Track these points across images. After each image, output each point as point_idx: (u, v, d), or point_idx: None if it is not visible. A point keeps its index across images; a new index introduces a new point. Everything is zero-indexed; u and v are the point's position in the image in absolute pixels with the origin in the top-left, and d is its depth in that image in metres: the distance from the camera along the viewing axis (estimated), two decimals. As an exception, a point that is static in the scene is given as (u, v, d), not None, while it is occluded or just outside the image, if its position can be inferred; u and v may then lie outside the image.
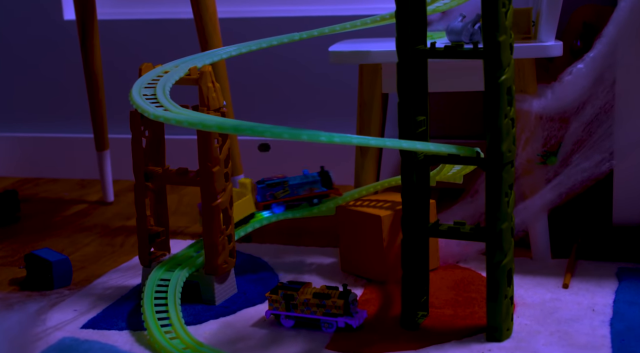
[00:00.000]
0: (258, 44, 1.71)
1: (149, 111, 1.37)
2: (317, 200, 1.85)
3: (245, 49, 1.70)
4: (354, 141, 1.26)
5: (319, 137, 1.24)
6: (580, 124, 1.68)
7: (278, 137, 1.24)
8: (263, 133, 1.24)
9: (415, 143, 1.33)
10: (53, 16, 2.68)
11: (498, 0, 1.33)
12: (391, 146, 1.29)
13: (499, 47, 1.34)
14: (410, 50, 1.42)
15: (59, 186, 2.64)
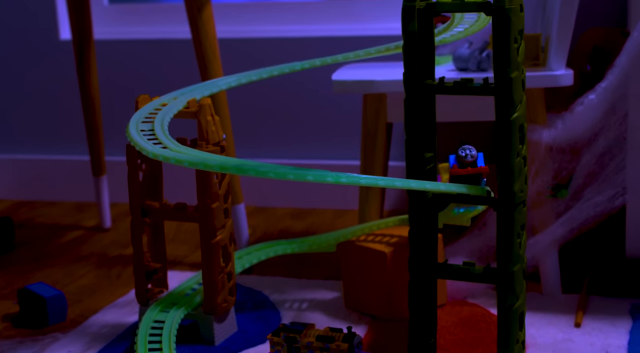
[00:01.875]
0: (259, 74, 1.66)
1: (147, 149, 1.31)
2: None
3: (245, 80, 1.65)
4: (362, 182, 1.21)
5: (325, 178, 1.19)
6: (592, 156, 1.62)
7: (282, 177, 1.18)
8: (267, 173, 1.18)
9: (424, 183, 1.27)
10: (49, 36, 2.62)
11: (510, 35, 1.27)
12: (400, 186, 1.24)
13: (510, 84, 1.29)
14: (418, 85, 1.37)
15: (55, 210, 2.58)
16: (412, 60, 1.36)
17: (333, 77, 1.74)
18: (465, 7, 1.32)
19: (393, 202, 2.44)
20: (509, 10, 1.27)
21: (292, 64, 1.68)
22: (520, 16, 1.29)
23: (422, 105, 1.38)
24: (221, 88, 1.63)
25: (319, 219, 2.39)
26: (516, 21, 1.28)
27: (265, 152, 2.52)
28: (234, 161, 1.23)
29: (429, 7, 1.34)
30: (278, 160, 2.50)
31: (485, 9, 1.30)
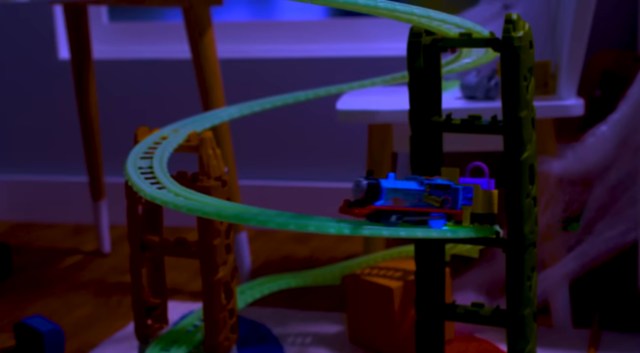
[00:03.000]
0: (261, 105, 1.62)
1: (145, 191, 1.27)
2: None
3: (247, 110, 1.61)
4: (365, 232, 1.17)
5: (327, 228, 1.15)
6: (604, 189, 1.58)
7: (283, 227, 1.14)
8: (267, 223, 1.14)
9: (430, 231, 1.22)
10: (48, 55, 2.58)
11: (519, 73, 1.23)
12: (405, 236, 1.19)
13: (520, 124, 1.24)
14: (424, 122, 1.32)
15: (53, 233, 2.54)
16: (418, 97, 1.31)
17: (338, 106, 1.69)
18: (473, 43, 1.27)
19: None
20: (519, 48, 1.22)
21: (296, 94, 1.64)
22: (529, 53, 1.24)
23: (428, 143, 1.33)
24: (223, 119, 1.59)
25: (322, 243, 2.35)
26: (526, 59, 1.23)
27: (267, 173, 2.48)
28: (234, 208, 1.19)
29: (435, 42, 1.30)
30: (280, 181, 2.46)
31: (494, 45, 1.25)
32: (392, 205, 1.17)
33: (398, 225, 1.18)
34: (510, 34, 1.23)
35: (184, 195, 1.27)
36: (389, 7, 1.17)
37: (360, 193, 1.17)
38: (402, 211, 1.18)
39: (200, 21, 1.82)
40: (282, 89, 2.40)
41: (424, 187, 1.20)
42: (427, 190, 1.20)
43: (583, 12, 1.58)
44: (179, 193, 1.27)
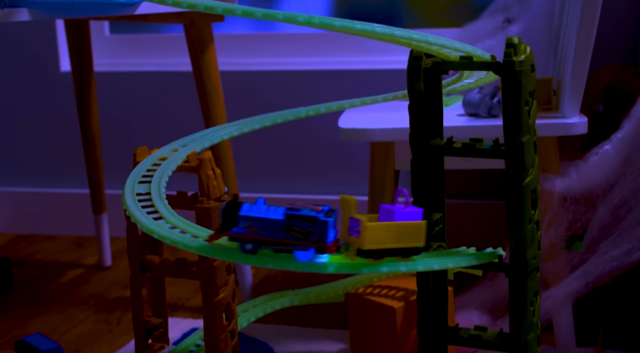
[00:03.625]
0: (261, 122, 1.61)
1: (143, 223, 1.26)
2: None
3: (247, 128, 1.60)
4: (364, 270, 1.15)
5: (326, 268, 1.14)
6: (607, 208, 1.56)
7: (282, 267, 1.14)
8: (266, 264, 1.14)
9: (431, 262, 1.21)
10: (49, 68, 2.57)
11: (520, 98, 1.22)
12: (406, 271, 1.17)
13: (521, 149, 1.23)
14: (425, 146, 1.31)
15: (55, 245, 2.53)
16: (419, 120, 1.30)
17: (340, 124, 1.68)
18: (473, 66, 1.26)
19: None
20: (520, 73, 1.21)
21: (297, 111, 1.62)
22: (531, 77, 1.23)
23: (429, 167, 1.32)
24: (222, 138, 1.58)
25: (324, 256, 2.33)
26: (527, 83, 1.22)
27: (268, 187, 2.46)
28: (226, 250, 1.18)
29: (435, 66, 1.29)
30: (280, 195, 2.45)
31: (495, 68, 1.24)
32: (246, 233, 1.15)
33: (256, 254, 1.15)
34: (512, 58, 1.22)
35: (181, 227, 1.26)
36: (386, 32, 1.16)
37: (220, 218, 1.17)
38: (260, 240, 1.16)
39: (201, 38, 1.81)
40: (283, 102, 2.39)
41: (284, 217, 1.15)
42: (288, 221, 1.15)
43: (586, 29, 1.56)
44: (176, 225, 1.26)
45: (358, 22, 1.15)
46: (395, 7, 2.45)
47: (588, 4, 1.54)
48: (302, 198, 2.44)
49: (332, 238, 1.14)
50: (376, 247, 1.15)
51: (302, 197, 2.44)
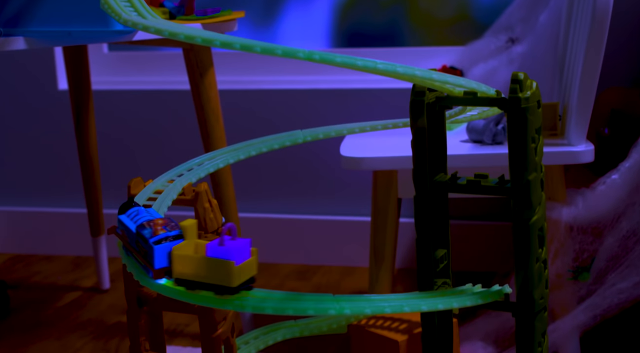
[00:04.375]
0: (258, 149, 1.56)
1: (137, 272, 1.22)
2: None
3: (243, 155, 1.55)
4: (367, 311, 1.12)
5: (327, 310, 1.10)
6: (615, 238, 1.53)
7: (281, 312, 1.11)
8: (264, 309, 1.10)
9: (436, 302, 1.18)
10: (47, 86, 2.54)
11: (527, 135, 1.18)
12: (409, 311, 1.14)
13: (528, 187, 1.20)
14: (429, 182, 1.27)
15: (52, 266, 2.50)
16: (422, 156, 1.27)
17: (341, 152, 1.65)
18: (478, 101, 1.23)
19: (404, 259, 2.35)
20: (526, 110, 1.18)
21: (294, 137, 1.58)
22: (537, 114, 1.19)
23: (433, 203, 1.28)
24: (219, 166, 1.54)
25: (325, 279, 2.30)
26: (533, 120, 1.19)
27: (266, 207, 2.43)
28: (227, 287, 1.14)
29: (438, 101, 1.25)
30: (279, 215, 2.42)
31: (500, 104, 1.20)
32: (121, 235, 1.14)
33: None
34: (517, 95, 1.18)
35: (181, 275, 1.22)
36: (388, 69, 1.13)
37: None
38: (128, 247, 1.14)
39: (201, 62, 1.77)
40: (283, 121, 2.36)
41: (135, 231, 1.11)
42: (137, 235, 1.11)
43: (593, 55, 1.53)
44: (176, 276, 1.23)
45: (360, 58, 1.12)
46: (397, 24, 2.41)
47: (595, 30, 1.50)
48: (301, 219, 2.41)
49: (163, 264, 1.08)
50: (186, 277, 1.10)
51: (300, 217, 2.41)
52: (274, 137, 1.53)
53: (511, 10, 2.14)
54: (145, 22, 0.99)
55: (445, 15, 2.39)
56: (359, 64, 1.11)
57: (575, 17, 1.69)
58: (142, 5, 1.12)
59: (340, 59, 1.11)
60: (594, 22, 1.51)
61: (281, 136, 1.53)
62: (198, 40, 0.98)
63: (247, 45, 1.02)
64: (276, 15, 2.48)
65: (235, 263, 1.09)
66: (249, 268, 1.14)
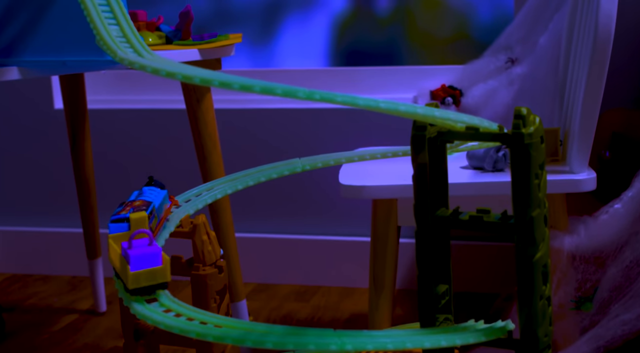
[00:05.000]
0: (256, 178, 1.54)
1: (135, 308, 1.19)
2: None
3: (241, 185, 1.53)
4: (369, 347, 1.10)
5: (328, 345, 1.08)
6: (618, 268, 1.51)
7: (281, 346, 1.07)
8: (265, 344, 1.07)
9: (439, 339, 1.16)
10: (42, 106, 2.52)
11: (530, 171, 1.16)
12: (411, 347, 1.12)
13: (532, 224, 1.17)
14: (430, 217, 1.25)
15: (49, 287, 2.47)
16: (424, 191, 1.25)
17: (340, 180, 1.63)
18: (480, 137, 1.20)
19: (404, 280, 2.33)
20: (530, 145, 1.15)
21: (293, 165, 1.56)
22: (540, 149, 1.17)
23: (435, 238, 1.26)
24: (216, 197, 1.52)
25: (324, 300, 2.28)
26: (537, 156, 1.16)
27: (264, 227, 2.41)
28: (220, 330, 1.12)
29: (440, 136, 1.23)
30: (276, 235, 2.40)
31: (503, 140, 1.18)
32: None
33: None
34: (520, 130, 1.16)
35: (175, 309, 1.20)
36: (390, 107, 1.11)
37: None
38: None
39: (198, 87, 1.75)
40: (279, 140, 2.34)
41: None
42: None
43: (595, 81, 1.51)
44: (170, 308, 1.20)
45: (360, 97, 1.10)
46: (396, 43, 2.40)
47: (597, 57, 1.49)
48: (299, 239, 2.39)
49: None
50: (113, 265, 1.17)
51: (298, 237, 2.39)
52: (272, 166, 1.51)
53: (510, 31, 2.12)
54: (141, 61, 0.97)
55: (445, 34, 2.37)
56: (360, 103, 1.09)
57: (576, 41, 1.67)
58: (138, 41, 1.10)
59: (341, 98, 1.09)
60: (596, 49, 1.49)
61: (279, 165, 1.51)
62: (196, 80, 0.95)
63: (246, 85, 1.00)
64: (274, 32, 2.46)
65: (130, 269, 1.11)
66: (153, 275, 1.14)
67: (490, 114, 2.02)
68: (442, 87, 2.22)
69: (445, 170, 1.27)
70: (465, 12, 2.35)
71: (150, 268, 1.14)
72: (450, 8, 2.36)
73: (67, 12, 1.38)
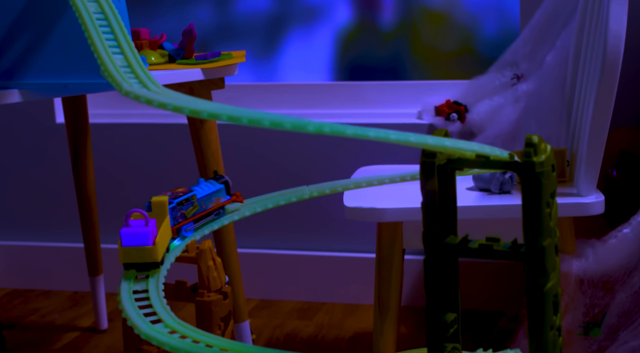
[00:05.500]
0: (263, 205, 1.53)
1: (140, 328, 1.18)
2: (222, 211, 1.50)
3: (249, 212, 1.52)
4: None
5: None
6: (627, 294, 1.49)
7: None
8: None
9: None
10: (43, 121, 2.50)
11: (541, 200, 1.14)
12: (420, 381, 1.10)
13: (542, 253, 1.16)
14: (439, 245, 1.23)
15: (50, 302, 2.45)
16: (433, 219, 1.23)
17: (345, 202, 1.61)
18: (490, 164, 1.18)
19: (408, 296, 2.31)
20: (541, 174, 1.13)
21: (300, 192, 1.54)
22: (552, 178, 1.15)
23: (443, 266, 1.24)
24: (223, 223, 1.50)
25: (328, 318, 2.26)
26: (548, 184, 1.15)
27: (267, 242, 2.39)
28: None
29: (450, 163, 1.21)
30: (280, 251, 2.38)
31: (513, 168, 1.17)
32: None
33: None
34: (532, 159, 1.14)
35: (181, 331, 1.18)
36: (401, 138, 1.09)
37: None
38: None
39: (199, 106, 1.73)
40: (282, 158, 2.32)
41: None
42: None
43: (603, 104, 1.50)
44: (175, 329, 1.19)
45: (371, 129, 1.08)
46: (400, 57, 2.38)
47: (605, 80, 1.47)
48: (303, 255, 2.37)
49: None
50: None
51: (301, 253, 2.37)
52: (280, 194, 1.50)
53: (516, 46, 2.10)
54: (148, 94, 0.95)
55: (449, 48, 2.36)
56: (370, 135, 1.07)
57: (583, 61, 1.66)
58: (143, 71, 1.08)
59: (352, 131, 1.06)
60: (604, 71, 1.47)
61: (287, 192, 1.50)
62: (204, 115, 0.93)
63: (255, 119, 0.98)
64: (277, 46, 2.45)
65: (122, 244, 1.21)
66: (142, 253, 1.22)
67: (496, 131, 2.00)
68: (447, 102, 2.20)
69: (454, 197, 1.25)
70: (470, 27, 2.33)
71: (140, 245, 1.21)
72: (455, 22, 2.34)
73: (68, 35, 1.36)
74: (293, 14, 2.42)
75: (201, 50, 2.54)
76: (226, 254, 1.78)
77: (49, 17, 1.37)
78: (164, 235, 1.28)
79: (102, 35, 1.13)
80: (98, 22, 1.15)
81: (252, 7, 2.44)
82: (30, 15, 1.37)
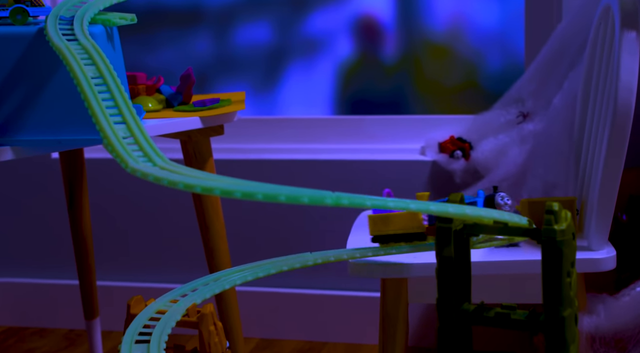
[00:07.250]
0: (266, 270, 1.47)
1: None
2: None
3: (251, 277, 1.46)
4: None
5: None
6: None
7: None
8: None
9: None
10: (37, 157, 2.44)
11: (562, 270, 1.10)
12: None
13: (563, 324, 1.12)
14: (454, 312, 1.19)
15: (45, 342, 2.40)
16: (448, 286, 1.18)
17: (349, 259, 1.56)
18: (509, 231, 1.15)
19: (413, 336, 2.26)
20: (561, 243, 1.10)
21: (304, 259, 1.49)
22: (572, 246, 1.12)
23: (458, 333, 1.20)
24: (224, 287, 1.45)
25: (331, 358, 2.21)
26: (569, 253, 1.11)
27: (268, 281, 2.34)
28: None
29: (466, 228, 1.17)
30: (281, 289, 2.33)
31: (533, 236, 1.13)
32: None
33: None
34: (552, 227, 1.10)
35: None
36: (421, 208, 1.05)
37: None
38: None
39: (199, 153, 1.69)
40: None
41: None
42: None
43: (615, 157, 1.45)
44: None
45: (391, 199, 1.04)
46: (403, 91, 2.34)
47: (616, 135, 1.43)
48: (305, 294, 2.32)
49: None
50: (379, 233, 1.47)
51: (304, 292, 2.32)
52: (284, 259, 1.45)
53: (521, 83, 2.06)
54: (156, 173, 0.91)
55: (453, 82, 2.32)
56: (390, 205, 1.03)
57: (592, 111, 1.61)
58: (148, 143, 1.03)
59: (371, 202, 1.02)
60: (615, 126, 1.43)
61: (290, 258, 1.44)
62: (217, 192, 0.89)
63: (271, 195, 0.93)
64: (278, 80, 2.40)
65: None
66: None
67: (502, 173, 1.96)
68: (451, 138, 2.16)
69: (468, 263, 1.21)
70: (474, 61, 2.29)
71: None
72: (459, 56, 2.30)
73: (62, 92, 1.32)
74: (293, 46, 2.38)
75: (200, 83, 2.50)
76: (228, 318, 1.73)
77: (42, 74, 1.32)
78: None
79: (102, 102, 1.08)
80: (97, 88, 1.10)
81: (252, 40, 2.40)
82: (22, 71, 1.33)
